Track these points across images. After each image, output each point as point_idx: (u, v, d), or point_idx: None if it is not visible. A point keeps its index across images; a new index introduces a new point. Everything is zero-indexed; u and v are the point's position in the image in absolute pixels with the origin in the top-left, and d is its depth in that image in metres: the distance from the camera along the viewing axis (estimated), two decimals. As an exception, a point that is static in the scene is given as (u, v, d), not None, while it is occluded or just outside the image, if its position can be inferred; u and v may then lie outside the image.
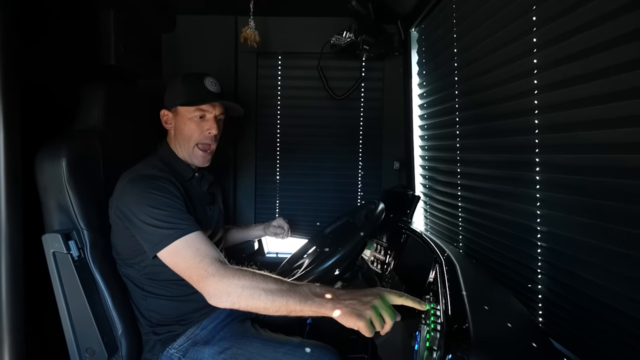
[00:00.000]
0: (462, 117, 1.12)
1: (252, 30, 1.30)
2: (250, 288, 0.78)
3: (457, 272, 0.78)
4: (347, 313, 0.72)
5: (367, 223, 1.07)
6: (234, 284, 0.79)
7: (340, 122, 1.65)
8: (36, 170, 0.93)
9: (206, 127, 1.06)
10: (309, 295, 0.77)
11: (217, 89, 1.07)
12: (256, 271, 0.83)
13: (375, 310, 0.72)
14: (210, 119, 1.06)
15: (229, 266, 0.84)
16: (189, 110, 1.05)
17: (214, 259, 0.84)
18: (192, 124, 1.05)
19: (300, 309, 0.76)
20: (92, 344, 0.92)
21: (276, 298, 0.77)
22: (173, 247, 0.86)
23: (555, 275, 0.77)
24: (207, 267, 0.82)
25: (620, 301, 0.62)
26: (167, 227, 0.87)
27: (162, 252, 0.87)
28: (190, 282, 0.85)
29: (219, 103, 1.07)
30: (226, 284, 0.79)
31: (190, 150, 1.07)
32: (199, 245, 0.86)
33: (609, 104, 0.61)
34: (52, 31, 1.08)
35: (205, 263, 0.83)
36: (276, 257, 1.73)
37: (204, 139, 1.07)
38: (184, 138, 1.06)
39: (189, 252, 0.85)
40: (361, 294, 0.76)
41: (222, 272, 0.81)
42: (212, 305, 0.81)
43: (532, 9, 0.76)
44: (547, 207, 0.78)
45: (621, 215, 0.61)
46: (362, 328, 0.71)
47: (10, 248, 0.82)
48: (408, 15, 1.41)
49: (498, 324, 0.63)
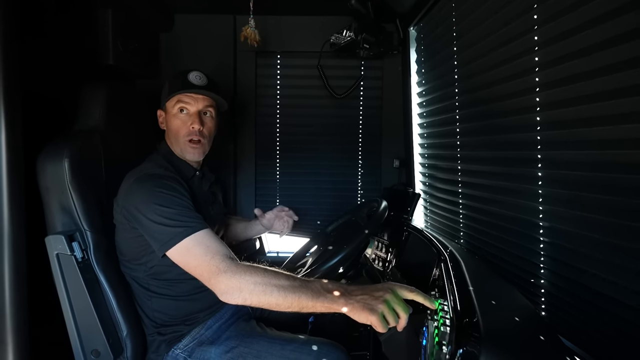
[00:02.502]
0: (462, 115, 1.13)
1: (252, 30, 1.30)
2: (262, 284, 0.79)
3: (462, 268, 0.79)
4: (359, 308, 0.72)
5: (371, 221, 1.08)
6: (245, 280, 0.79)
7: (339, 121, 1.65)
8: (38, 171, 0.92)
9: (189, 122, 1.04)
10: (320, 291, 0.77)
11: (201, 82, 1.04)
12: (268, 267, 0.83)
13: (387, 305, 0.72)
14: (193, 114, 1.04)
15: (240, 263, 0.84)
16: (171, 105, 1.05)
17: (225, 255, 0.84)
18: (177, 120, 1.05)
19: (312, 305, 0.76)
20: (97, 346, 0.92)
21: (288, 294, 0.77)
22: (183, 246, 0.86)
23: (557, 270, 0.78)
24: (219, 264, 0.82)
25: (623, 294, 0.63)
26: (176, 225, 0.87)
27: (171, 251, 0.87)
28: (201, 280, 0.85)
29: (202, 97, 1.05)
30: (238, 280, 0.80)
31: (181, 145, 1.06)
32: (209, 243, 0.86)
33: (610, 101, 0.62)
34: (50, 31, 1.07)
35: (217, 260, 0.83)
36: (277, 256, 1.73)
37: (189, 134, 1.04)
38: (172, 135, 1.06)
39: (200, 250, 0.85)
40: (372, 289, 0.76)
41: (233, 268, 0.81)
42: (222, 302, 0.81)
43: (534, 7, 0.77)
44: (548, 203, 0.79)
45: (622, 209, 0.62)
46: (374, 323, 0.71)
47: (14, 250, 0.82)
48: (407, 14, 1.42)
49: (506, 317, 0.64)
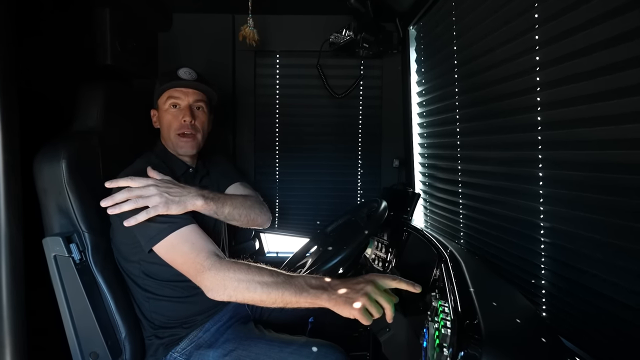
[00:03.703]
0: (462, 115, 1.13)
1: (251, 29, 1.29)
2: (246, 281, 0.80)
3: (462, 269, 0.78)
4: (341, 302, 0.73)
5: (370, 221, 1.07)
6: (229, 277, 0.80)
7: (338, 121, 1.64)
8: (35, 172, 0.92)
9: (180, 115, 1.05)
10: (304, 286, 0.77)
11: (190, 77, 1.05)
12: (252, 264, 0.83)
13: (369, 297, 0.73)
14: (184, 107, 1.06)
15: (225, 259, 0.85)
16: (163, 101, 1.07)
17: (210, 252, 0.85)
18: (168, 115, 1.06)
19: (296, 301, 0.77)
20: (95, 348, 0.91)
21: (272, 290, 0.77)
22: (168, 242, 0.86)
23: (558, 271, 0.77)
24: (204, 261, 0.83)
25: (623, 294, 0.62)
26: (161, 221, 0.87)
27: (157, 247, 0.87)
28: (188, 277, 0.86)
29: (192, 90, 1.06)
30: (222, 277, 0.81)
31: (172, 140, 1.07)
32: (194, 240, 0.87)
33: (612, 101, 0.61)
34: (48, 31, 1.06)
35: (202, 257, 0.84)
36: (276, 256, 1.72)
37: (181, 128, 1.05)
38: (165, 130, 1.08)
39: (185, 247, 0.86)
40: (354, 282, 0.77)
41: (217, 265, 0.82)
42: (220, 304, 0.82)
43: (534, 6, 0.77)
44: (549, 203, 0.78)
45: (624, 210, 0.61)
46: (357, 316, 0.72)
47: (11, 252, 0.81)
48: (406, 13, 1.41)
49: (507, 319, 0.64)
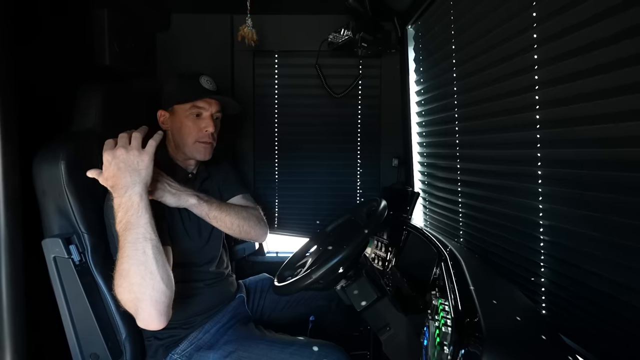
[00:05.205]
0: (461, 114, 1.13)
1: (250, 29, 1.29)
2: (139, 283, 0.78)
3: (462, 268, 0.79)
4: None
5: (370, 220, 1.07)
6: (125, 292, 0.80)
7: (337, 120, 1.64)
8: (34, 173, 0.91)
9: (203, 125, 1.05)
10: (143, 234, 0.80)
11: (213, 87, 1.07)
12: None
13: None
14: (206, 117, 1.06)
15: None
16: (185, 109, 1.05)
17: None
18: (189, 122, 1.05)
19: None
20: (96, 349, 0.91)
21: (151, 256, 0.79)
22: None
23: (558, 269, 0.78)
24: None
25: (623, 292, 0.63)
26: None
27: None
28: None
29: (214, 101, 1.07)
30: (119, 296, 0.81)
31: (190, 145, 1.06)
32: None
33: (611, 99, 0.61)
34: (45, 32, 1.06)
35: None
36: (276, 256, 1.72)
37: (202, 137, 1.06)
38: (182, 137, 1.06)
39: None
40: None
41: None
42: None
43: (532, 4, 0.77)
44: (549, 201, 0.79)
45: (623, 207, 0.62)
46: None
47: (10, 253, 0.81)
48: (404, 12, 1.42)
49: (507, 317, 0.64)
